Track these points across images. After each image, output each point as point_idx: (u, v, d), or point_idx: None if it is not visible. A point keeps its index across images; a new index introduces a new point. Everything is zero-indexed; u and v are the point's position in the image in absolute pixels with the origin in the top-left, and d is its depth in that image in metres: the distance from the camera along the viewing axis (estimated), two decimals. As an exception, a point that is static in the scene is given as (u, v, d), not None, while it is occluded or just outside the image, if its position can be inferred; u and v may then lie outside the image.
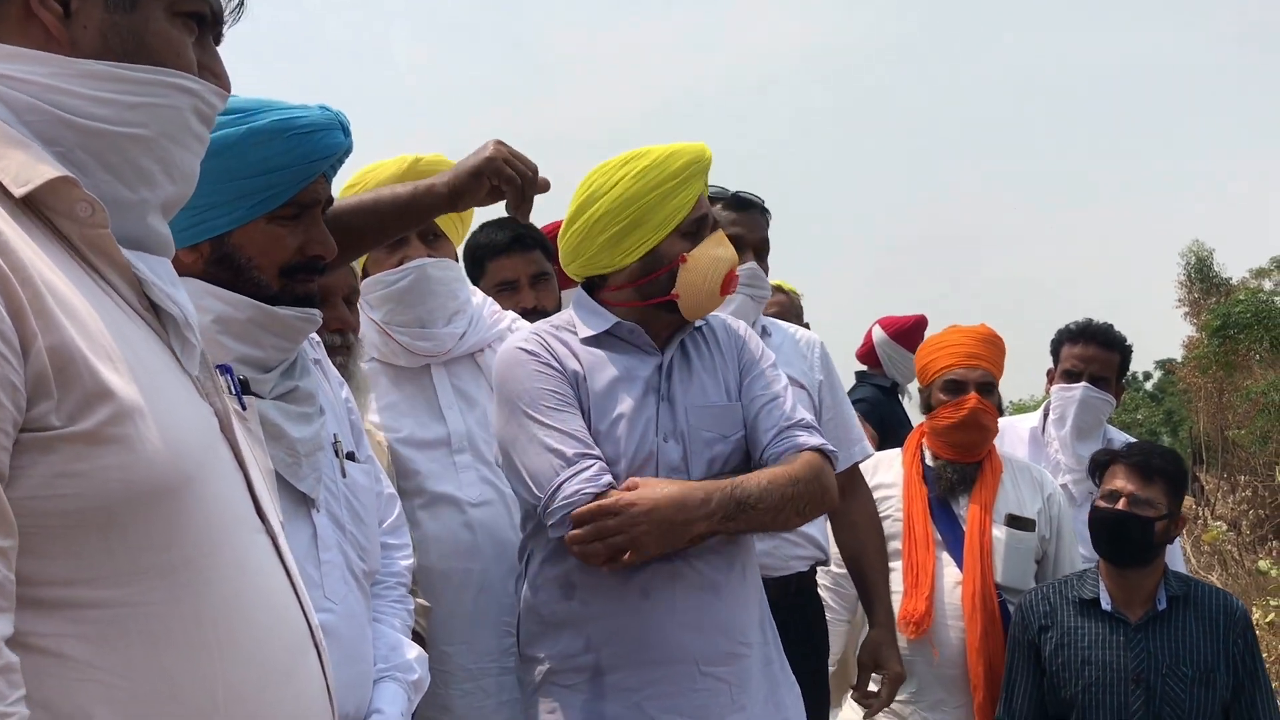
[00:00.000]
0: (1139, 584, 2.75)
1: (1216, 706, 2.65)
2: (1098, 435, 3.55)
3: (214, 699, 0.99)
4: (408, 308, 2.32)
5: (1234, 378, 15.54)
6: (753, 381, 2.13)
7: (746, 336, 2.23)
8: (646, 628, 1.95)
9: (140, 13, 1.08)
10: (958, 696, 2.97)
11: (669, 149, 2.10)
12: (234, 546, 1.06)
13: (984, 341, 3.16)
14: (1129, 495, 2.72)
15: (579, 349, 2.09)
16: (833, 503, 2.09)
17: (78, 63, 1.04)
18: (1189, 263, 21.44)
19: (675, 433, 2.04)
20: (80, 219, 1.01)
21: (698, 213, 2.11)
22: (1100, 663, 2.71)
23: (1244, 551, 8.81)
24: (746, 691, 2.00)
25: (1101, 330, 3.58)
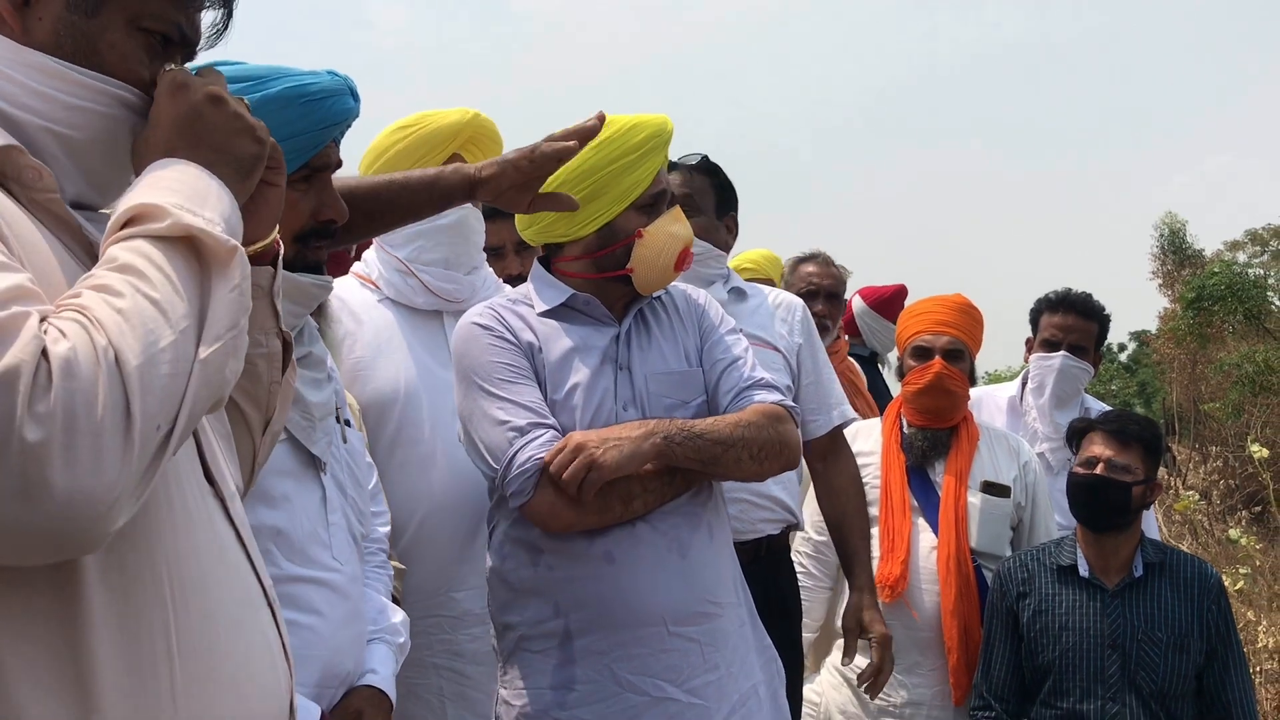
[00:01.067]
0: (1116, 550, 2.79)
1: (1190, 671, 2.69)
2: (1076, 404, 3.58)
3: (168, 650, 1.02)
4: (441, 246, 2.40)
5: (1207, 349, 15.69)
6: (712, 347, 2.14)
7: (706, 304, 2.23)
8: (612, 591, 1.95)
9: (100, 20, 1.09)
10: (932, 659, 3.00)
11: (631, 121, 2.09)
12: (185, 505, 1.08)
13: (955, 310, 3.18)
14: (1106, 460, 2.75)
15: (534, 321, 2.10)
16: (793, 456, 2.08)
17: (26, 52, 1.06)
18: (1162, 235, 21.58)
19: (634, 400, 2.05)
20: (28, 184, 1.03)
21: (656, 188, 2.11)
22: (1077, 628, 2.75)
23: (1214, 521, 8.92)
24: (720, 651, 2.00)
25: (1080, 299, 3.60)
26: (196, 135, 1.10)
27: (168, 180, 1.04)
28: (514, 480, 1.92)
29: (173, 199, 1.01)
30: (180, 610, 1.03)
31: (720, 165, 2.91)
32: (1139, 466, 2.76)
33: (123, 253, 0.97)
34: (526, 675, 2.00)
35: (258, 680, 1.12)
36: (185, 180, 1.05)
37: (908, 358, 3.19)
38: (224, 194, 1.07)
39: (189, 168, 1.07)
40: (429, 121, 2.37)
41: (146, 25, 1.12)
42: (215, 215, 1.03)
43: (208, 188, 1.06)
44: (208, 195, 1.05)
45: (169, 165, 1.06)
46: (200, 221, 1.00)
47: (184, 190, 1.03)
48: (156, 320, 0.93)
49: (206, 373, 0.98)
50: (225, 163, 1.11)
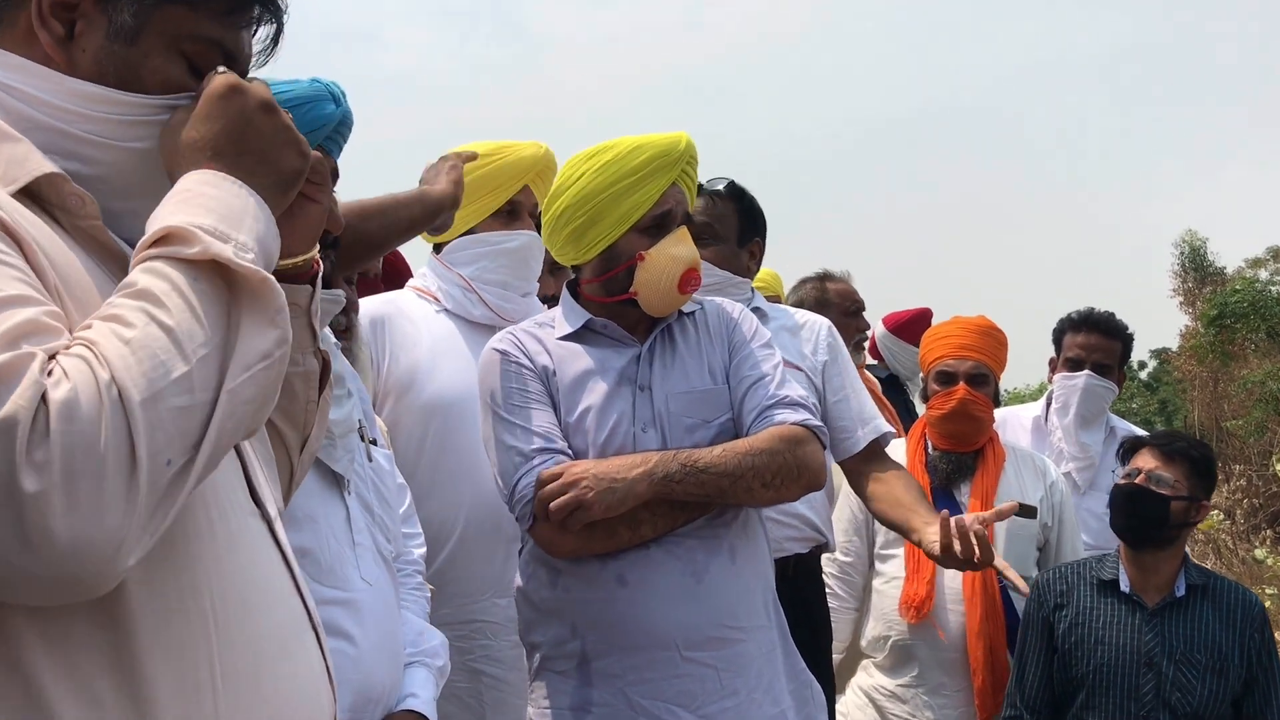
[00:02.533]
0: (1157, 568, 2.74)
1: (1226, 697, 2.65)
2: (1101, 423, 3.57)
3: (211, 675, 1.01)
4: (504, 268, 2.58)
5: (1230, 367, 15.57)
6: (740, 363, 2.11)
7: (740, 318, 2.20)
8: (625, 614, 1.95)
9: (140, 46, 1.09)
10: (958, 680, 2.98)
11: (635, 143, 2.09)
12: (229, 528, 1.07)
13: (979, 333, 3.17)
14: (1148, 472, 2.72)
15: (553, 345, 2.11)
16: (814, 479, 2.03)
17: (73, 82, 1.06)
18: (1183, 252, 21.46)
19: (654, 421, 2.03)
20: (72, 211, 1.03)
21: (660, 209, 2.09)
22: (1113, 644, 2.71)
23: (1238, 540, 8.85)
24: (740, 676, 1.97)
25: (1104, 319, 3.59)
26: (244, 143, 1.07)
27: (203, 197, 1.01)
28: (517, 506, 1.97)
29: (206, 219, 0.98)
30: (224, 636, 1.02)
31: (747, 190, 2.89)
32: (1182, 483, 2.71)
33: (143, 276, 0.94)
34: (549, 695, 2.01)
35: (302, 705, 1.11)
36: (222, 198, 1.01)
37: (931, 381, 3.18)
38: (261, 213, 1.04)
39: (227, 183, 1.03)
40: (510, 152, 2.55)
41: (188, 48, 1.11)
42: (249, 238, 1.00)
43: (245, 207, 1.02)
44: (244, 216, 1.01)
45: (207, 179, 1.03)
46: (230, 249, 0.97)
47: (219, 209, 1.00)
48: (168, 350, 0.90)
49: (234, 403, 0.94)
50: (267, 174, 1.08)
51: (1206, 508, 2.80)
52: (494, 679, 2.39)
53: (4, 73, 1.05)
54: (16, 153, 1.01)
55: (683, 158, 2.10)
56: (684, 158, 2.11)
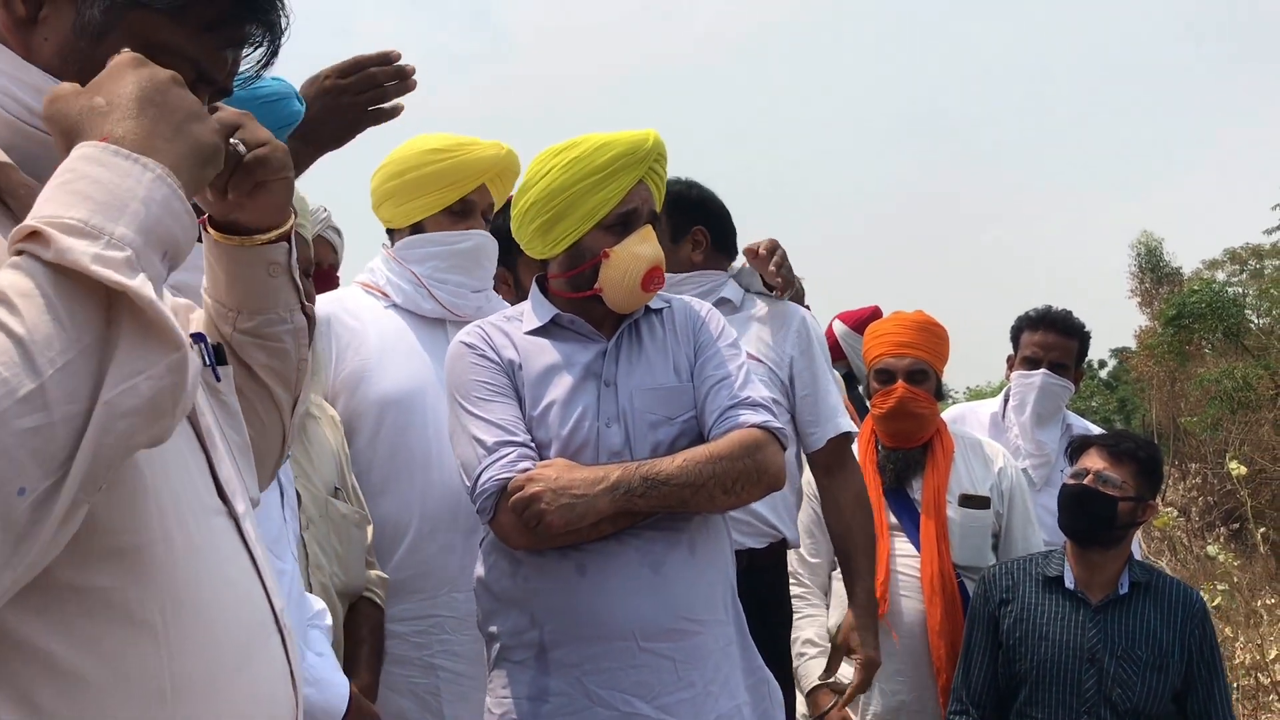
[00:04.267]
0: (1103, 566, 2.78)
1: (1166, 693, 2.69)
2: (1057, 421, 3.60)
3: (161, 686, 0.97)
4: (456, 268, 2.54)
5: (1187, 366, 15.80)
6: (705, 362, 2.11)
7: (706, 316, 2.20)
8: (583, 604, 1.96)
9: (106, 46, 1.03)
10: (918, 676, 3.00)
11: (602, 140, 2.09)
12: (186, 531, 1.03)
13: (917, 329, 3.17)
14: (1096, 472, 2.75)
15: (519, 339, 2.12)
16: (773, 481, 2.03)
17: (32, 72, 1.02)
18: (1139, 254, 21.77)
19: (618, 417, 2.04)
20: (21, 200, 0.99)
21: (625, 207, 2.09)
22: (1057, 640, 2.74)
23: (1193, 537, 8.98)
24: (697, 669, 1.98)
25: (1061, 317, 3.62)
26: (157, 111, 0.96)
27: (85, 179, 0.89)
28: (478, 498, 1.98)
29: (78, 211, 0.87)
30: (176, 645, 0.98)
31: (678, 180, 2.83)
32: (1130, 483, 2.74)
33: (6, 274, 0.84)
34: (507, 684, 2.02)
35: (262, 713, 1.08)
36: (107, 180, 0.90)
37: (872, 380, 3.19)
38: (157, 193, 0.92)
39: (119, 159, 0.91)
40: (467, 151, 2.48)
41: (156, 59, 1.03)
42: (130, 229, 0.88)
43: (133, 189, 0.90)
44: (129, 201, 0.90)
45: (93, 154, 0.91)
46: (97, 248, 0.86)
47: (99, 195, 0.89)
48: (13, 364, 0.80)
49: (112, 416, 0.84)
50: (182, 144, 0.96)
51: (1153, 508, 2.84)
52: (452, 674, 2.37)
53: None
54: None
55: (649, 155, 2.10)
56: (651, 155, 2.10)
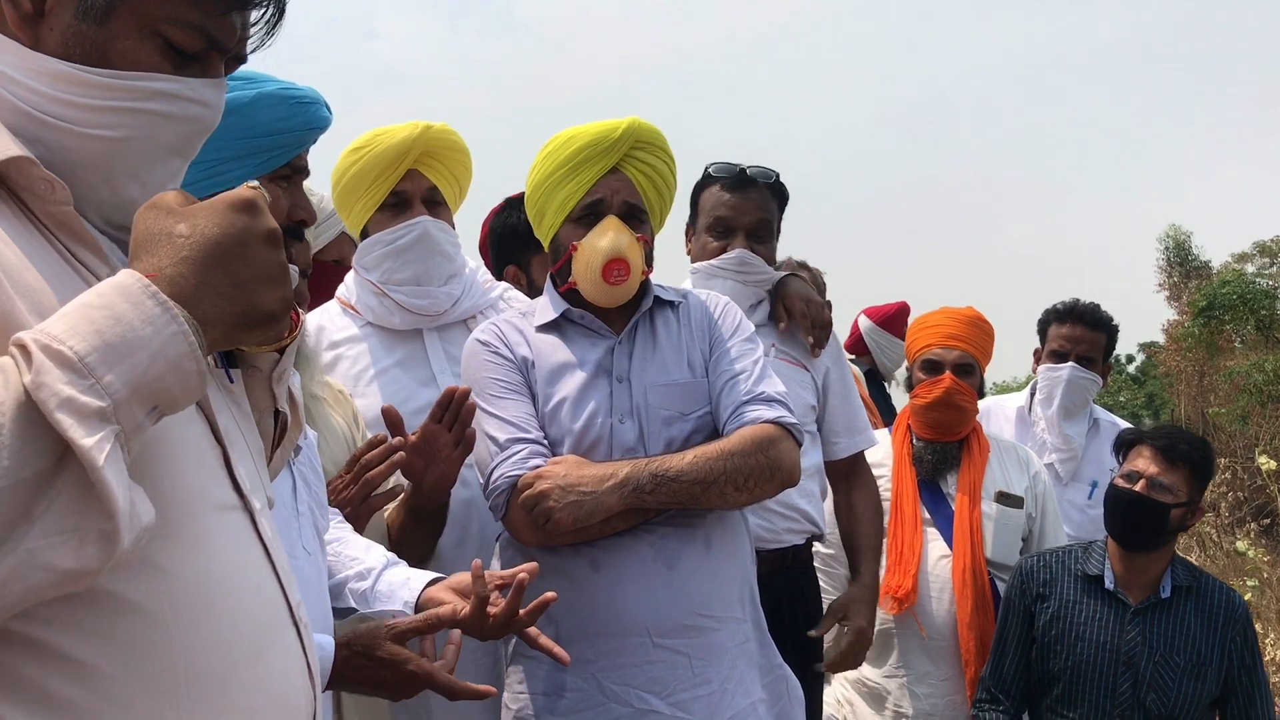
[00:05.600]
0: (1145, 567, 2.71)
1: (1204, 700, 2.63)
2: (1084, 415, 3.58)
3: (175, 679, 0.97)
4: (407, 265, 2.37)
5: (1216, 360, 15.64)
6: (720, 358, 2.09)
7: (722, 311, 2.18)
8: (597, 600, 1.96)
9: (110, 27, 1.03)
10: (944, 669, 2.99)
11: (570, 133, 2.08)
12: (196, 526, 1.02)
13: (966, 323, 3.17)
14: (1149, 478, 2.65)
15: (532, 336, 2.12)
16: (787, 478, 2.01)
17: (43, 59, 1.02)
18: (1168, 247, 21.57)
19: (632, 413, 2.03)
20: (41, 195, 0.99)
21: (591, 198, 2.07)
22: (1093, 641, 2.69)
23: (1222, 533, 8.88)
24: (712, 666, 1.96)
25: (1088, 310, 3.60)
26: (227, 262, 0.95)
27: (103, 313, 0.87)
28: (490, 495, 2.00)
29: (80, 343, 0.84)
30: (188, 638, 0.98)
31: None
32: (1183, 488, 2.65)
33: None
34: (524, 680, 2.03)
35: (276, 706, 1.07)
36: (125, 322, 0.87)
37: (917, 370, 3.18)
38: (168, 351, 0.89)
39: (149, 304, 0.89)
40: (379, 142, 2.33)
41: (166, 31, 1.04)
42: (120, 380, 0.86)
43: (146, 342, 0.88)
44: (136, 352, 0.87)
45: (129, 291, 0.89)
46: (68, 392, 0.83)
47: (109, 335, 0.86)
48: None
49: (29, 565, 0.82)
50: (235, 305, 0.95)
51: (1202, 510, 2.76)
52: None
53: None
54: None
55: (620, 143, 2.06)
56: (622, 143, 2.06)
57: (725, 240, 2.67)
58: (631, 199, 2.09)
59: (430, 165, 2.37)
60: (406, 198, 2.36)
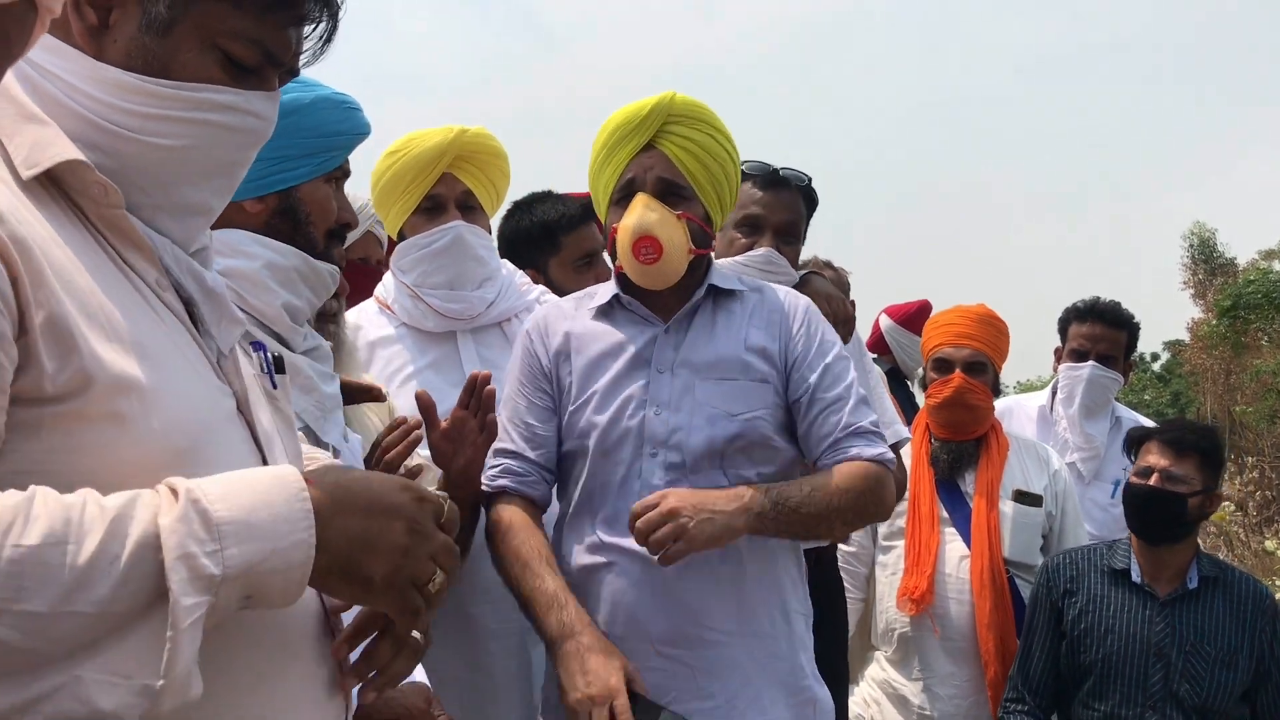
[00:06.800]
0: (1170, 560, 2.73)
1: (1235, 689, 2.63)
2: (1106, 413, 3.56)
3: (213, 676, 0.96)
4: (441, 269, 2.38)
5: (1242, 358, 15.52)
6: (809, 375, 1.99)
7: (805, 316, 2.06)
8: (602, 599, 1.94)
9: (172, 40, 1.06)
10: (966, 670, 2.98)
11: (610, 117, 2.03)
12: None
13: (978, 321, 3.15)
14: (1161, 471, 2.69)
15: (582, 321, 2.08)
16: (885, 514, 2.00)
17: (104, 69, 1.04)
18: (1192, 244, 21.42)
19: (671, 404, 1.96)
20: (95, 199, 1.01)
21: (624, 178, 2.02)
22: (1123, 633, 2.70)
23: (1250, 532, 8.81)
24: (718, 680, 1.90)
25: (1109, 309, 3.58)
26: (368, 515, 0.99)
27: (257, 496, 0.91)
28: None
29: (225, 510, 0.89)
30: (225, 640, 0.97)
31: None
32: (1195, 476, 2.68)
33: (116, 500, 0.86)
34: (549, 670, 2.01)
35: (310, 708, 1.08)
36: (275, 511, 0.91)
37: (930, 369, 3.18)
38: (291, 559, 0.92)
39: (299, 509, 0.93)
40: (413, 146, 2.34)
41: (226, 45, 1.07)
42: (240, 559, 0.88)
43: (277, 537, 0.91)
44: (265, 541, 0.90)
45: (289, 490, 0.93)
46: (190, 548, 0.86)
47: (256, 514, 0.90)
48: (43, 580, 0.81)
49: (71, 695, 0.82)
50: (350, 548, 0.98)
51: (1219, 497, 2.78)
52: (472, 687, 2.29)
53: (38, 54, 1.02)
54: (43, 136, 0.99)
55: (650, 119, 2.00)
56: (653, 119, 2.00)
57: (753, 237, 2.65)
58: (667, 174, 2.01)
59: (465, 169, 2.39)
60: (441, 202, 2.37)
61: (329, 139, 1.70)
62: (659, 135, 2.01)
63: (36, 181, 0.97)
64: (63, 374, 0.89)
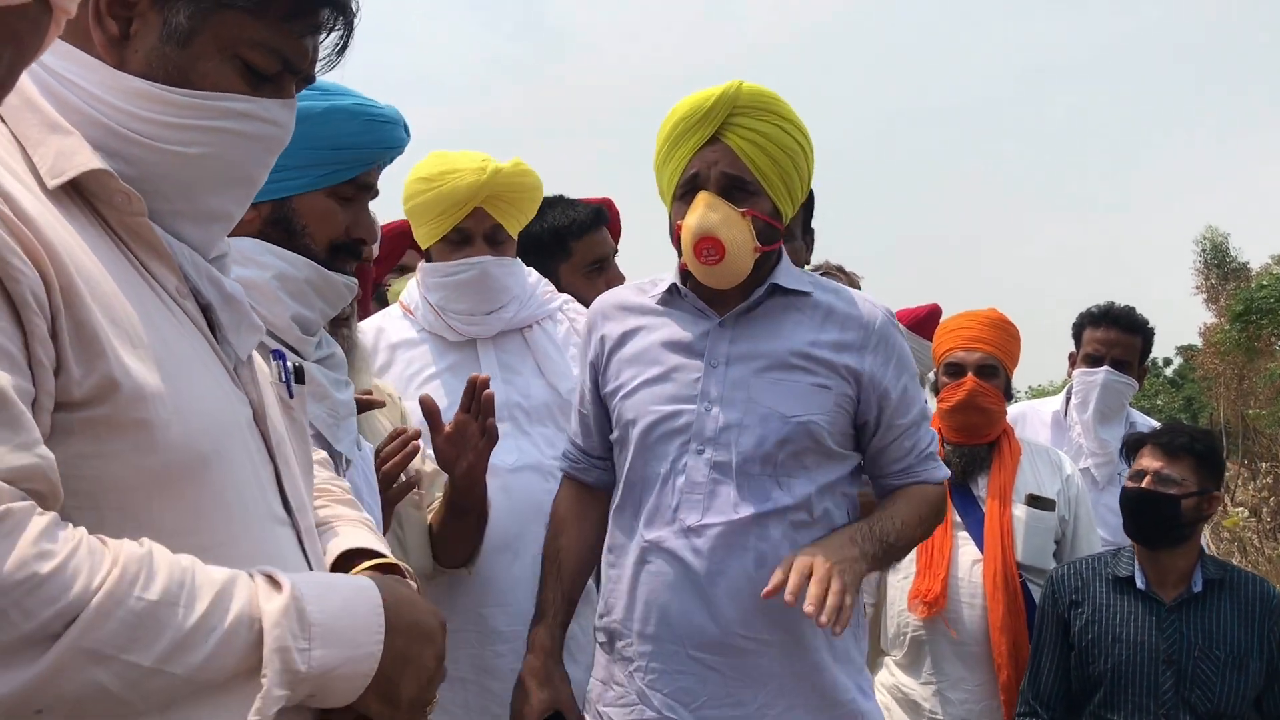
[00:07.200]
0: (1173, 565, 2.72)
1: (1248, 692, 2.62)
2: (1120, 419, 3.55)
3: None
4: (463, 298, 2.43)
5: (1255, 363, 15.47)
6: (898, 401, 1.97)
7: (882, 332, 1.99)
8: (638, 599, 1.94)
9: (192, 50, 1.07)
10: (979, 674, 2.97)
11: (675, 106, 1.97)
12: (251, 536, 1.05)
13: (988, 325, 3.16)
14: (1154, 473, 2.69)
15: (642, 309, 2.07)
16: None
17: (126, 78, 1.05)
18: (1204, 249, 21.36)
19: (721, 401, 1.91)
20: (118, 207, 1.02)
21: (687, 173, 1.95)
22: (1131, 641, 2.69)
23: (1264, 538, 8.77)
24: (749, 687, 1.88)
25: (1123, 314, 3.57)
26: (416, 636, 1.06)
27: (342, 602, 0.99)
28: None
29: (320, 612, 0.95)
30: None
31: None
32: (1190, 478, 2.67)
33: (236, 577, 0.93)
34: (597, 661, 2.05)
35: None
36: (353, 622, 0.99)
37: (941, 374, 3.18)
38: (360, 669, 0.98)
39: (374, 619, 1.00)
40: (446, 180, 2.36)
41: (245, 54, 1.09)
42: (322, 661, 0.94)
43: (354, 645, 0.98)
44: (342, 646, 0.96)
45: (371, 600, 1.01)
46: (286, 643, 0.92)
47: (337, 621, 0.97)
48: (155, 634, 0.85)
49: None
50: (395, 665, 1.03)
51: (1217, 499, 2.77)
52: (480, 688, 2.33)
53: (60, 63, 1.04)
54: (66, 145, 1.00)
55: (715, 111, 1.91)
56: (718, 110, 1.91)
57: None
58: (732, 169, 1.92)
59: (496, 206, 2.40)
60: (468, 236, 2.40)
61: (337, 152, 1.64)
62: (724, 127, 1.92)
63: (61, 190, 0.99)
64: (90, 379, 0.91)
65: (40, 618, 0.81)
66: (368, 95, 1.73)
